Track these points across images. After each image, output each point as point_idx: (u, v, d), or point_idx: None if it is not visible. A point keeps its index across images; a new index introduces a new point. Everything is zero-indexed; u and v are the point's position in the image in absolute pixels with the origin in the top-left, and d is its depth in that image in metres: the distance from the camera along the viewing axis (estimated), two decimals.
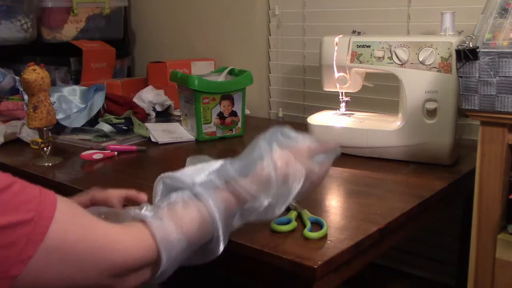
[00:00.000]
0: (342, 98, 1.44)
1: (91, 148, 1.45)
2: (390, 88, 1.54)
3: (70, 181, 1.22)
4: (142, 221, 0.71)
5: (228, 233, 0.80)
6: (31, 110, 1.33)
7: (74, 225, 0.63)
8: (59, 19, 2.10)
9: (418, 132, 1.27)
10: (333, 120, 1.40)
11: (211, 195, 0.76)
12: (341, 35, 1.37)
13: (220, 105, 1.58)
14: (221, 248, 0.78)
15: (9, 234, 0.58)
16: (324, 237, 0.90)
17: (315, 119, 1.42)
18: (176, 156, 1.49)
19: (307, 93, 1.87)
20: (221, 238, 0.77)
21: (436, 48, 1.22)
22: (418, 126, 1.27)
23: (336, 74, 1.38)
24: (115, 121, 1.70)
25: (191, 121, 1.61)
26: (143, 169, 1.38)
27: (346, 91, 1.42)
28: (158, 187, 0.84)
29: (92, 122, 1.71)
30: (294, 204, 1.01)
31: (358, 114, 1.44)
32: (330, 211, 1.04)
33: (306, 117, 1.45)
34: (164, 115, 1.94)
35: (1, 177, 0.60)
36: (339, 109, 1.45)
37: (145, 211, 0.73)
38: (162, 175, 0.83)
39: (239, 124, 1.63)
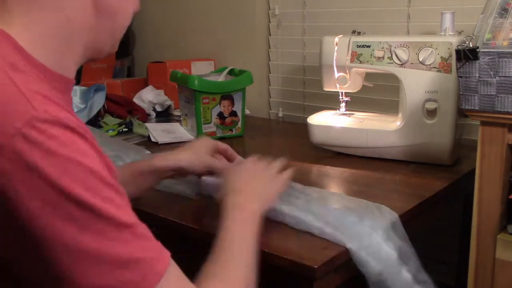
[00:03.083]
0: (342, 98, 1.44)
1: None
2: (390, 88, 1.54)
3: None
4: None
5: None
6: None
7: None
8: None
9: (418, 132, 1.27)
10: (333, 120, 1.40)
11: None
12: (341, 35, 1.37)
13: (220, 105, 1.58)
14: None
15: (119, 276, 0.55)
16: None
17: (315, 119, 1.42)
18: None
19: (307, 93, 1.87)
20: None
21: (436, 48, 1.22)
22: (418, 126, 1.27)
23: (336, 74, 1.38)
24: (117, 128, 1.69)
25: (191, 121, 1.61)
26: None
27: (346, 91, 1.42)
28: None
29: (92, 122, 1.71)
30: None
31: (358, 114, 1.44)
32: None
33: (306, 117, 1.45)
34: (164, 115, 1.94)
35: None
36: (339, 109, 1.45)
37: None
38: None
39: (239, 124, 1.63)
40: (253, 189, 0.90)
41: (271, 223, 0.95)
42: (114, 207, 0.56)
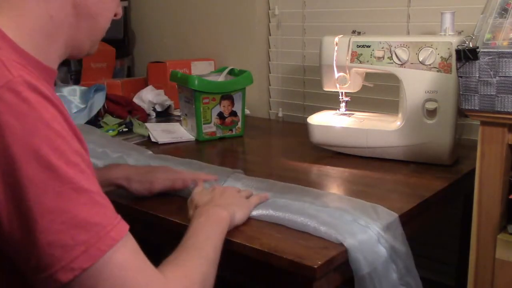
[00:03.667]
0: (342, 98, 1.44)
1: None
2: (390, 88, 1.54)
3: None
4: None
5: None
6: None
7: (131, 261, 0.62)
8: None
9: (418, 132, 1.27)
10: (333, 120, 1.40)
11: None
12: (341, 35, 1.37)
13: (220, 105, 1.58)
14: None
15: (74, 235, 0.57)
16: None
17: (315, 119, 1.42)
18: (175, 156, 1.49)
19: (307, 93, 1.87)
20: None
21: (436, 48, 1.22)
22: (418, 126, 1.27)
23: (336, 74, 1.38)
24: (117, 128, 1.69)
25: (191, 121, 1.61)
26: None
27: (346, 91, 1.42)
28: None
29: (92, 122, 1.71)
30: None
31: (358, 114, 1.44)
32: None
33: (306, 117, 1.45)
34: (164, 115, 1.94)
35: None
36: (339, 109, 1.45)
37: None
38: None
39: (239, 124, 1.63)
40: (221, 202, 0.94)
41: (270, 224, 0.95)
42: (77, 171, 0.60)
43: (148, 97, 1.94)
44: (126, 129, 1.68)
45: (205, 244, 0.79)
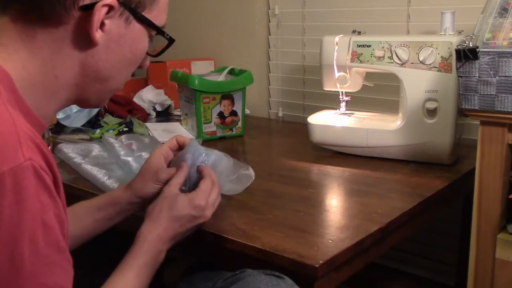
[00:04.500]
0: (342, 98, 1.44)
1: None
2: (390, 88, 1.54)
3: (71, 180, 1.22)
4: None
5: None
6: None
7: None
8: None
9: (418, 131, 1.27)
10: (333, 120, 1.41)
11: None
12: (341, 35, 1.37)
13: (220, 104, 1.58)
14: None
15: None
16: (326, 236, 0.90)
17: (315, 119, 1.42)
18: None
19: (307, 92, 1.87)
20: None
21: (436, 48, 1.22)
22: (418, 125, 1.27)
23: (337, 74, 1.38)
24: (117, 128, 1.69)
25: (191, 121, 1.61)
26: None
27: (346, 90, 1.42)
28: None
29: (92, 122, 1.71)
30: None
31: (358, 114, 1.44)
32: (331, 210, 1.04)
33: (306, 117, 1.45)
34: (164, 115, 1.94)
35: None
36: (339, 109, 1.45)
37: None
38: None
39: (239, 124, 1.64)
40: (168, 230, 0.85)
41: (271, 223, 0.95)
42: (45, 265, 0.58)
43: (148, 96, 1.94)
44: (126, 129, 1.68)
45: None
